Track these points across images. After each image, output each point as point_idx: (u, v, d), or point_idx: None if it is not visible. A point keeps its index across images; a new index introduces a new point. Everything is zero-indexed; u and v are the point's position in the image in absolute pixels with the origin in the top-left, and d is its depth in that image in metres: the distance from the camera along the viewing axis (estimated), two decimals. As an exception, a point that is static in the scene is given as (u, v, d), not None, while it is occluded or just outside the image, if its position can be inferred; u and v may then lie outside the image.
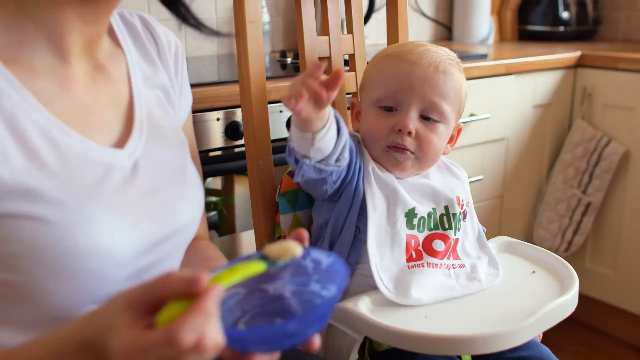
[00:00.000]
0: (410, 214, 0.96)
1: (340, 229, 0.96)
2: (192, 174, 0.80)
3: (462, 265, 0.98)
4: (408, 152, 0.96)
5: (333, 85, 0.75)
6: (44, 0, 0.63)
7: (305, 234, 0.66)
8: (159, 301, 0.51)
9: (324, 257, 0.67)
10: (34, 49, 0.64)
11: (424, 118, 0.97)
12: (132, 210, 0.67)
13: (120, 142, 0.71)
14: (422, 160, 0.98)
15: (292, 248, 0.63)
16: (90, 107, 0.69)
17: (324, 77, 0.76)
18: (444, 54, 1.00)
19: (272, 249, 0.63)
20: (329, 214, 0.98)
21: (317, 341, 0.59)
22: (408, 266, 0.93)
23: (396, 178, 0.98)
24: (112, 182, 0.67)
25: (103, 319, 0.53)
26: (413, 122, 0.95)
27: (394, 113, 0.97)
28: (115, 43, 0.77)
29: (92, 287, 0.65)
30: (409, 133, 0.95)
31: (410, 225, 0.96)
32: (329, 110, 0.83)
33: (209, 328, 0.49)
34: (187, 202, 0.76)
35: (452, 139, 1.04)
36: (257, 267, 0.60)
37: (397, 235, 0.95)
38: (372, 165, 0.97)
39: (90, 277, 0.64)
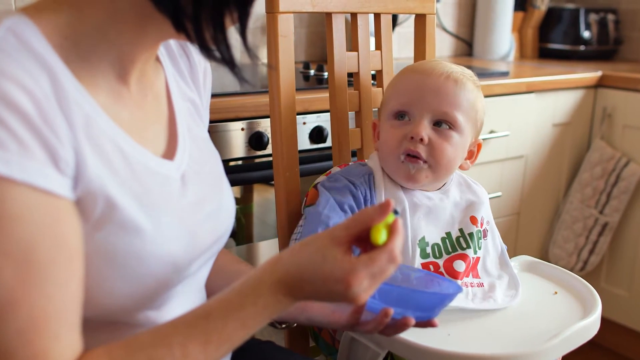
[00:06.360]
0: (422, 243, 0.96)
1: None
2: (227, 182, 0.83)
3: (480, 285, 0.98)
4: (421, 162, 0.96)
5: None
6: (128, 32, 0.64)
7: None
8: (360, 233, 0.65)
9: (412, 271, 0.86)
10: (100, 68, 0.65)
11: (437, 126, 0.97)
12: (188, 220, 0.71)
13: (168, 154, 0.73)
14: (435, 169, 0.97)
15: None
16: (142, 121, 0.71)
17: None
18: (458, 68, 1.01)
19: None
20: None
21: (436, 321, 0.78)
22: None
23: (416, 190, 0.99)
24: (170, 191, 0.70)
25: (304, 257, 0.64)
26: (425, 130, 0.96)
27: (407, 122, 0.98)
28: (155, 58, 0.79)
29: (154, 291, 0.68)
30: (421, 140, 0.95)
31: (424, 254, 0.96)
32: None
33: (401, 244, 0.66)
34: (225, 211, 0.79)
35: (471, 155, 1.04)
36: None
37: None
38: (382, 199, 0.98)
39: (152, 281, 0.67)
